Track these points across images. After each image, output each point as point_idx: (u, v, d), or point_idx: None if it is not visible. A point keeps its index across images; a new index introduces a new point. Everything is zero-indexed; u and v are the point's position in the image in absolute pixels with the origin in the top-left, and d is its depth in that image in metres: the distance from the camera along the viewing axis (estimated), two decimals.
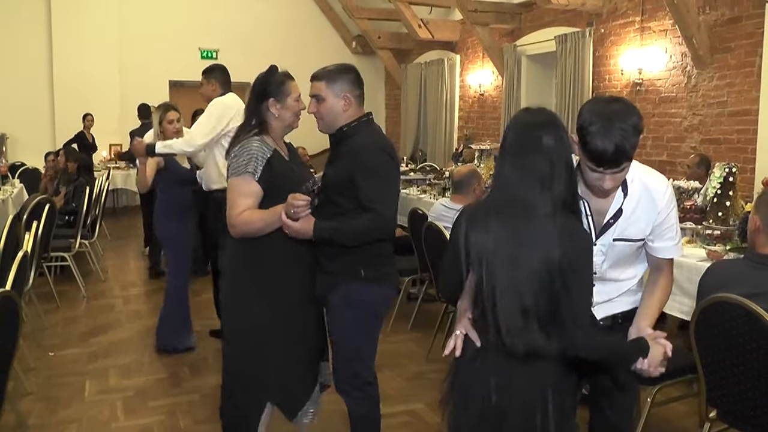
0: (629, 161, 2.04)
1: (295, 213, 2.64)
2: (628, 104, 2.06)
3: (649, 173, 2.27)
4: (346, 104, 2.79)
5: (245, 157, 2.79)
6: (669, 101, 7.43)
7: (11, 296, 2.75)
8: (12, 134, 11.31)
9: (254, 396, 2.92)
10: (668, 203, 2.23)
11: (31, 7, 11.39)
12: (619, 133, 1.95)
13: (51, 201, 5.87)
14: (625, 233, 2.24)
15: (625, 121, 1.97)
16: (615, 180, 2.07)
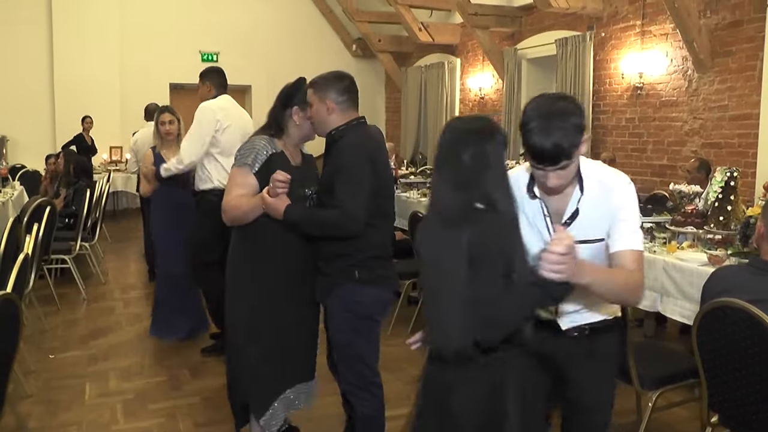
0: (569, 159, 2.00)
1: (274, 187, 2.78)
2: (572, 103, 2.05)
3: (607, 171, 2.22)
4: (328, 110, 2.89)
5: (248, 150, 3.00)
6: (670, 105, 7.44)
7: (12, 299, 2.74)
8: (12, 136, 11.31)
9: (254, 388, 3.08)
10: (627, 201, 2.15)
11: (32, 9, 11.41)
12: (557, 131, 1.95)
13: (51, 203, 5.87)
14: (585, 234, 2.15)
15: (565, 120, 1.96)
16: (559, 178, 2.04)
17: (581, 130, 2.00)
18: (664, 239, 4.32)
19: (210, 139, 4.66)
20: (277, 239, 2.93)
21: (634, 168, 7.74)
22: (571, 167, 2.04)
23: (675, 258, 4.03)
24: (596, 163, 2.22)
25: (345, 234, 2.80)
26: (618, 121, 8.16)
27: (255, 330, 3.01)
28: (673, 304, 3.98)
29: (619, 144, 8.09)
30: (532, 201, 2.20)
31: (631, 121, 7.97)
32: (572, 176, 2.09)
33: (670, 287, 3.98)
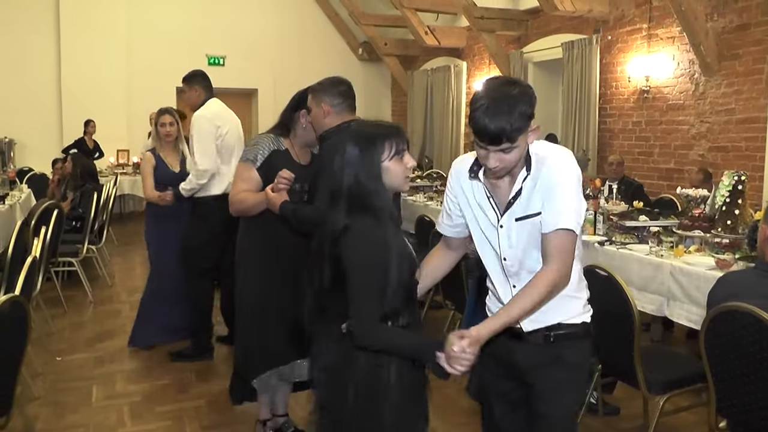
0: (511, 143, 1.98)
1: (278, 183, 3.00)
2: (523, 89, 2.04)
3: (551, 148, 2.18)
4: (324, 113, 3.03)
5: (252, 147, 3.30)
6: (676, 109, 7.42)
7: (20, 301, 2.76)
8: (20, 140, 11.35)
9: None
10: (559, 175, 2.10)
11: (40, 13, 11.45)
12: (503, 114, 1.95)
13: (59, 206, 5.89)
14: (524, 210, 2.14)
15: (512, 105, 1.97)
16: (500, 160, 2.02)
17: (528, 117, 1.99)
18: (671, 243, 4.31)
19: (215, 144, 4.67)
20: (280, 229, 3.13)
21: (641, 171, 7.73)
22: (513, 153, 2.02)
23: (682, 262, 4.02)
24: (542, 143, 2.17)
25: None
26: (624, 125, 8.15)
27: (259, 309, 3.30)
28: (680, 309, 3.97)
29: (626, 148, 8.07)
30: (473, 182, 2.20)
31: (637, 125, 7.96)
32: (514, 163, 2.06)
33: (677, 291, 3.97)
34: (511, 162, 2.04)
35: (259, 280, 3.32)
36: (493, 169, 2.05)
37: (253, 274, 3.35)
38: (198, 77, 4.87)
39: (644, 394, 3.27)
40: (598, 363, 3.56)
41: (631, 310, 3.14)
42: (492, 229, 2.20)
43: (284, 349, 3.28)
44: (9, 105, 11.20)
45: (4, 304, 2.60)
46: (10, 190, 7.21)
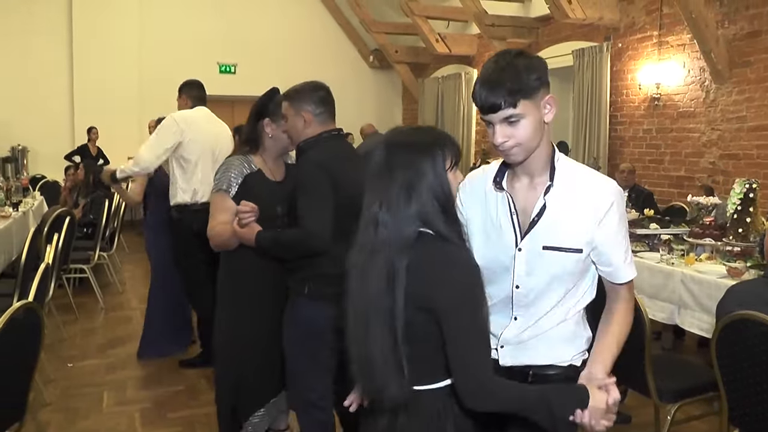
0: (513, 107, 1.71)
1: (241, 219, 2.74)
2: (530, 55, 1.81)
3: (591, 171, 1.92)
4: (305, 123, 2.78)
5: (222, 174, 2.98)
6: (687, 116, 7.40)
7: (34, 308, 2.78)
8: (32, 147, 11.46)
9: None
10: (613, 206, 1.83)
11: (53, 22, 11.55)
12: (506, 73, 1.72)
13: (71, 214, 5.93)
14: (555, 239, 1.83)
15: (513, 65, 1.73)
16: (507, 135, 1.75)
17: (535, 79, 1.74)
18: (682, 251, 4.30)
19: (170, 147, 4.59)
20: (257, 258, 2.89)
21: (651, 179, 7.71)
22: (523, 126, 1.74)
23: (693, 270, 4.01)
24: (579, 164, 1.93)
25: (312, 252, 2.68)
26: (635, 132, 8.13)
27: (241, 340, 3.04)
28: (691, 317, 3.96)
29: (637, 155, 8.06)
30: (498, 194, 1.90)
31: (648, 132, 7.94)
32: (526, 140, 1.76)
33: (688, 299, 3.96)
34: (522, 138, 1.76)
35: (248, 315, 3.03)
36: (501, 146, 1.77)
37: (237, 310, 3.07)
38: (185, 87, 4.91)
39: (655, 403, 3.25)
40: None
41: (642, 318, 3.13)
42: (507, 251, 1.88)
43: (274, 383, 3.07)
44: (22, 113, 11.30)
45: (18, 310, 2.62)
46: (23, 197, 7.26)
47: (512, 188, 1.89)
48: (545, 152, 1.84)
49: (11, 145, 11.33)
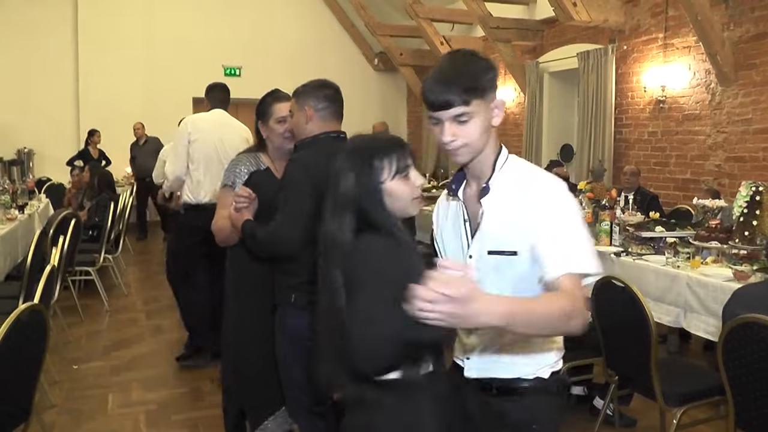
0: (465, 105, 1.70)
1: (236, 202, 2.76)
2: (482, 57, 1.79)
3: (535, 170, 1.84)
4: (306, 118, 2.74)
5: (229, 170, 3.04)
6: (693, 119, 7.39)
7: (40, 310, 2.79)
8: (38, 150, 11.50)
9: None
10: (553, 206, 1.74)
11: (58, 24, 11.59)
12: (456, 71, 1.72)
13: (77, 216, 5.94)
14: (496, 243, 1.78)
15: (465, 63, 1.74)
16: (455, 133, 1.73)
17: (486, 79, 1.73)
18: (688, 254, 4.28)
19: (185, 150, 4.75)
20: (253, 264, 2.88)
21: (656, 182, 7.69)
22: (472, 125, 1.73)
23: (699, 273, 4.00)
24: (528, 165, 1.86)
25: (279, 254, 2.68)
26: (640, 135, 8.12)
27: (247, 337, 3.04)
28: (697, 320, 3.94)
29: (642, 158, 8.04)
30: (453, 203, 1.92)
31: (653, 135, 7.93)
32: (474, 139, 1.75)
33: (693, 303, 3.95)
34: (469, 138, 1.74)
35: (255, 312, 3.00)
36: (449, 145, 1.75)
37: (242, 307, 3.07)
38: (207, 90, 5.01)
39: (661, 406, 3.24)
40: (615, 375, 3.54)
41: (648, 321, 3.13)
42: (464, 259, 1.86)
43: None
44: (28, 116, 11.34)
45: (24, 312, 2.63)
46: (29, 199, 7.27)
47: (465, 195, 1.90)
48: (492, 156, 1.83)
49: (17, 148, 11.36)
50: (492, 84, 1.75)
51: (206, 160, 4.73)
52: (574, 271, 1.67)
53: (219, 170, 4.58)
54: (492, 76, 1.75)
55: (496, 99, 1.77)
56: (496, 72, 1.77)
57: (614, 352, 3.52)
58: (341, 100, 2.82)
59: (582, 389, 4.24)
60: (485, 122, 1.75)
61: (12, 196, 6.62)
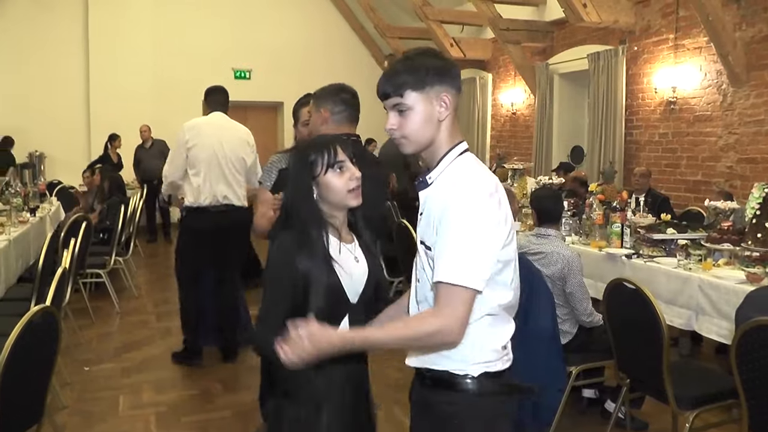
0: (400, 97, 1.77)
1: (273, 206, 2.87)
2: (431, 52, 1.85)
3: (465, 171, 1.80)
4: (322, 120, 2.86)
5: (265, 168, 3.23)
6: (704, 120, 7.35)
7: (52, 311, 2.80)
8: (49, 153, 11.54)
9: None
10: (452, 212, 1.71)
11: (68, 28, 11.64)
12: (401, 63, 1.81)
13: (87, 219, 5.96)
14: (423, 234, 1.84)
15: (409, 58, 1.81)
16: (394, 122, 1.80)
17: (434, 76, 1.77)
18: (700, 256, 4.26)
19: (181, 155, 4.88)
20: None
21: (667, 184, 7.66)
22: (410, 118, 1.78)
23: (711, 275, 3.97)
24: (468, 165, 1.82)
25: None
26: (651, 137, 8.08)
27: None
28: (709, 323, 3.92)
29: (653, 159, 8.01)
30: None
31: (664, 137, 7.89)
32: (412, 131, 1.79)
33: (705, 305, 3.93)
34: (407, 130, 1.79)
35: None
36: (389, 133, 1.83)
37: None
38: (206, 94, 5.15)
39: (673, 410, 3.22)
40: (626, 378, 3.52)
41: (659, 324, 3.11)
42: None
43: None
44: (40, 120, 11.41)
45: (36, 314, 2.64)
46: (40, 202, 7.30)
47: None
48: (442, 151, 1.83)
49: (29, 152, 11.41)
50: (436, 79, 1.78)
51: (206, 164, 4.84)
52: (446, 280, 1.68)
53: (219, 173, 4.88)
54: (433, 70, 1.78)
55: (441, 94, 1.78)
56: (447, 69, 1.80)
57: (626, 355, 3.50)
58: (357, 105, 2.92)
59: (593, 392, 4.22)
60: (425, 115, 1.79)
61: (24, 198, 6.65)
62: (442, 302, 1.69)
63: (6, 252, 5.00)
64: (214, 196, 4.85)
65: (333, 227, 2.06)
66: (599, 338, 3.79)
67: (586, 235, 5.37)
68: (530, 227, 4.73)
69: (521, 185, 6.61)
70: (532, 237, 3.98)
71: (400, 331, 1.76)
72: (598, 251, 4.92)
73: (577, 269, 3.75)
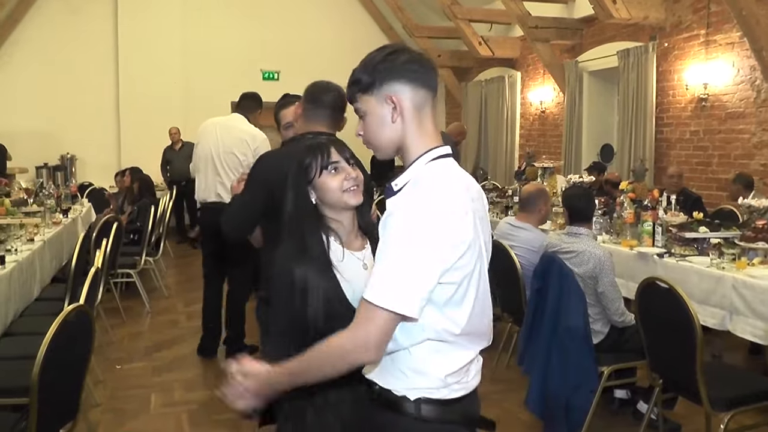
0: (353, 99, 1.71)
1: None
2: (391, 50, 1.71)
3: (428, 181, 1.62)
4: (295, 115, 3.09)
5: None
6: (736, 117, 7.23)
7: (86, 311, 2.84)
8: (80, 156, 11.74)
9: None
10: (393, 224, 1.58)
11: (98, 32, 11.78)
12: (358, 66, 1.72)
13: (118, 220, 6.04)
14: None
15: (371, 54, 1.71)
16: (360, 129, 1.71)
17: (382, 74, 1.65)
18: (733, 255, 4.19)
19: (199, 149, 5.19)
20: None
21: (699, 182, 7.55)
22: (366, 122, 1.69)
23: (745, 275, 3.91)
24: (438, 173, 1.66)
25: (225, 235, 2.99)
26: (682, 134, 7.97)
27: None
28: (744, 323, 3.86)
29: (683, 158, 7.90)
30: None
31: (695, 134, 7.78)
32: (369, 137, 1.70)
33: (739, 305, 3.87)
34: (366, 135, 1.70)
35: None
36: (359, 137, 1.75)
37: None
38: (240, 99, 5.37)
39: (707, 411, 3.17)
40: (659, 378, 3.48)
41: (693, 323, 3.07)
42: None
43: None
44: (72, 123, 11.59)
45: (70, 313, 2.68)
46: (72, 204, 7.41)
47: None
48: (411, 157, 1.69)
49: (60, 154, 11.61)
50: (386, 78, 1.65)
51: (204, 161, 5.09)
52: (369, 299, 1.54)
53: (214, 171, 5.05)
54: (390, 70, 1.65)
55: (389, 95, 1.65)
56: (400, 66, 1.66)
57: (658, 355, 3.46)
58: (338, 106, 2.85)
59: (625, 393, 4.18)
60: (378, 119, 1.67)
61: (57, 200, 6.76)
62: (359, 319, 1.57)
63: (41, 253, 5.08)
64: (211, 193, 5.07)
65: (335, 232, 2.01)
66: (631, 338, 3.75)
67: (617, 233, 5.32)
68: (561, 226, 4.69)
69: (551, 184, 6.57)
70: (563, 236, 3.95)
71: (317, 352, 1.62)
72: (629, 250, 4.87)
73: (609, 268, 3.72)
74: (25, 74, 11.45)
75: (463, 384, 1.73)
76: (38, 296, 4.87)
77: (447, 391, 1.68)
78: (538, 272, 3.81)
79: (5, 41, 11.39)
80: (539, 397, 3.66)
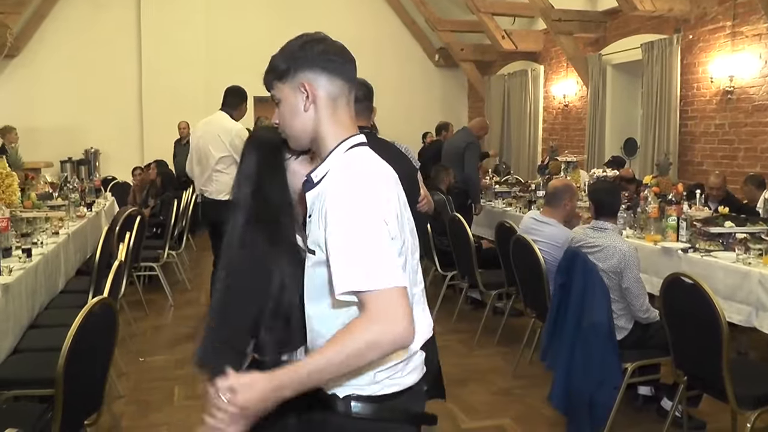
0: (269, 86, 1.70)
1: None
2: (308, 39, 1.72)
3: (356, 166, 1.59)
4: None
5: None
6: (763, 110, 7.12)
7: (109, 303, 2.86)
8: (104, 150, 11.87)
9: None
10: (339, 209, 1.51)
11: (122, 27, 11.91)
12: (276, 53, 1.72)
13: (142, 213, 6.09)
14: (310, 239, 1.64)
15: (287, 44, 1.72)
16: (277, 116, 1.70)
17: (291, 62, 1.65)
18: (760, 250, 4.13)
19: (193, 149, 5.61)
20: None
21: None
22: (281, 110, 1.68)
23: None
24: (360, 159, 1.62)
25: None
26: (707, 128, 7.88)
27: None
28: (765, 318, 3.80)
29: (708, 151, 7.81)
30: None
31: (720, 128, 7.68)
32: (284, 126, 1.69)
33: (766, 301, 3.81)
34: (282, 123, 1.69)
35: None
36: (275, 125, 1.74)
37: None
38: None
39: (733, 409, 3.13)
40: (683, 375, 3.44)
41: (719, 319, 3.02)
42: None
43: None
44: (96, 118, 11.73)
45: (95, 305, 2.70)
46: (96, 197, 7.48)
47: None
48: (328, 147, 1.65)
49: (84, 148, 11.73)
50: (299, 65, 1.64)
51: (189, 159, 5.58)
52: (363, 288, 1.45)
53: (199, 168, 5.45)
54: (304, 58, 1.65)
55: (301, 82, 1.64)
56: (314, 54, 1.65)
57: (683, 352, 3.41)
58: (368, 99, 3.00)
59: (649, 389, 4.14)
60: (291, 107, 1.66)
61: (81, 194, 6.82)
62: (370, 313, 1.45)
63: (66, 246, 5.13)
64: (198, 188, 5.48)
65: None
66: (656, 334, 3.70)
67: (641, 228, 5.26)
68: (586, 220, 4.65)
69: (574, 178, 6.52)
70: (588, 230, 3.91)
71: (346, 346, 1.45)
72: (653, 245, 4.81)
73: (634, 264, 3.68)
74: (49, 70, 11.59)
75: (397, 380, 1.63)
76: (63, 288, 4.92)
77: (378, 387, 1.61)
78: (562, 267, 3.78)
79: (31, 38, 11.53)
80: (563, 393, 3.64)
